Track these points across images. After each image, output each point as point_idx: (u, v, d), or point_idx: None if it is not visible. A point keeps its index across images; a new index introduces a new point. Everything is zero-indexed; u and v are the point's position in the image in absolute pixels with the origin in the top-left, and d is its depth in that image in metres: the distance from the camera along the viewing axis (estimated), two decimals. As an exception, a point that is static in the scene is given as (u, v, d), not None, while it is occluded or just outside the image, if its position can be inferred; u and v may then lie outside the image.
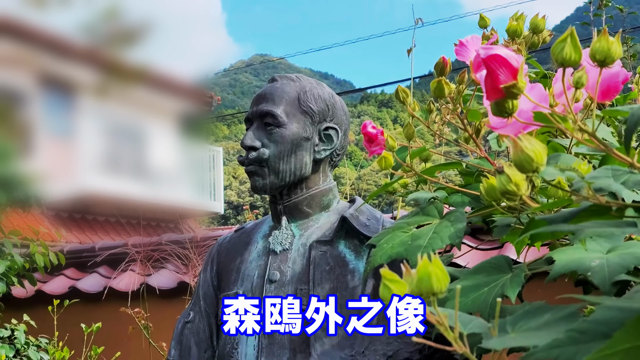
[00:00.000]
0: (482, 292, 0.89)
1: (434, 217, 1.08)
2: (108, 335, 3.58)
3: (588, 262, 0.79)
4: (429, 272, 0.60)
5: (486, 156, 0.98)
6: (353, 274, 1.44)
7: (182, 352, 1.59)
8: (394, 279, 0.62)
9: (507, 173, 0.76)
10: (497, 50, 0.76)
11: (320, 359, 1.37)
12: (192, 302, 1.65)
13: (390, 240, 1.04)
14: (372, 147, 1.10)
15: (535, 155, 0.68)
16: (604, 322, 0.56)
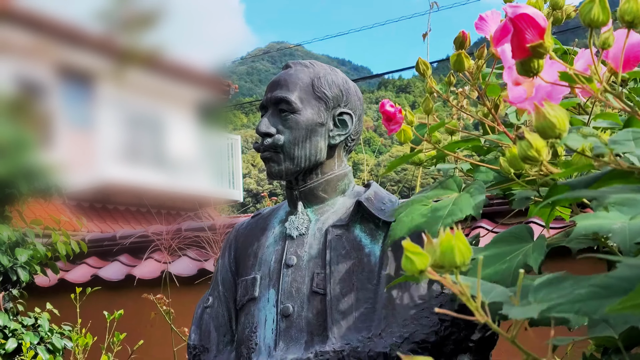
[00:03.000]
0: (504, 262, 0.90)
1: (453, 190, 1.09)
2: (130, 323, 3.62)
3: (609, 226, 0.80)
4: (451, 245, 0.61)
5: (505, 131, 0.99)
6: (369, 257, 1.45)
7: (202, 336, 1.61)
8: (417, 251, 0.63)
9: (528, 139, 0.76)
10: (524, 9, 0.77)
11: (338, 342, 1.39)
12: (210, 288, 1.68)
13: (410, 213, 1.05)
14: (390, 125, 1.11)
15: (557, 122, 0.68)
16: (625, 278, 0.57)
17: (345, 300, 1.43)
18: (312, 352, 1.40)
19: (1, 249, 3.07)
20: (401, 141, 1.10)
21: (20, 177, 3.13)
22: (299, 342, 1.44)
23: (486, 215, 3.33)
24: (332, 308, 1.42)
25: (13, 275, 3.11)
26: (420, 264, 0.65)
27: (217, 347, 1.59)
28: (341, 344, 1.38)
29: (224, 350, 1.58)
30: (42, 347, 3.02)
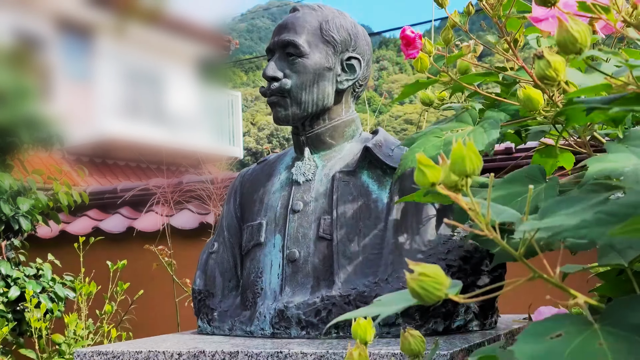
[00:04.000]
0: (516, 202, 0.89)
1: (468, 123, 1.07)
2: (132, 274, 3.64)
3: (621, 169, 0.79)
4: (462, 154, 0.60)
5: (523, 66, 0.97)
6: (376, 203, 1.44)
7: (207, 281, 1.61)
8: (430, 164, 0.62)
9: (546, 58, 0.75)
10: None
11: (344, 286, 1.38)
12: (216, 234, 1.67)
13: (423, 145, 1.04)
14: (408, 50, 1.09)
15: (580, 36, 0.66)
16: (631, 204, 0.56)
17: (351, 246, 1.42)
18: (318, 297, 1.40)
19: (3, 197, 3.06)
20: (417, 69, 1.08)
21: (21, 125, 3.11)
22: (305, 287, 1.44)
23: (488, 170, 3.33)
24: (339, 253, 1.42)
25: (15, 224, 3.11)
26: (432, 176, 0.64)
27: (223, 292, 1.59)
28: (347, 288, 1.38)
29: (229, 296, 1.58)
30: (44, 296, 3.03)
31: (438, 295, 0.64)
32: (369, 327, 0.86)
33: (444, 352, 1.13)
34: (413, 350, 0.85)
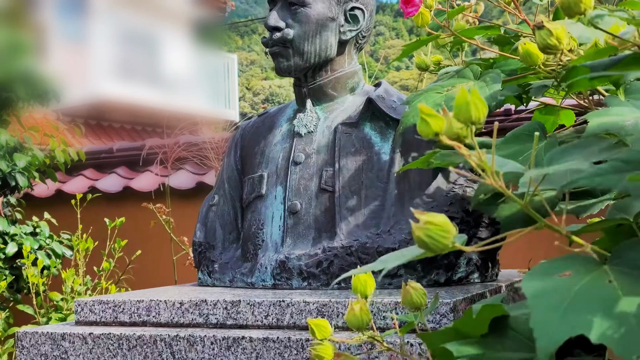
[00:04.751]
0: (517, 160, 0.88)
1: (469, 79, 1.06)
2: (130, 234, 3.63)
3: (622, 122, 0.78)
4: (467, 101, 0.59)
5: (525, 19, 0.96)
6: (379, 155, 1.43)
7: (207, 233, 1.60)
8: (433, 113, 0.61)
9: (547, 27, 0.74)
10: None
11: (346, 238, 1.38)
12: (216, 186, 1.66)
13: (424, 101, 1.03)
14: (408, 7, 1.07)
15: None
16: None
17: (353, 198, 1.41)
18: (319, 248, 1.40)
19: (0, 153, 3.04)
20: (418, 25, 1.06)
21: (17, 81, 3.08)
22: (307, 239, 1.43)
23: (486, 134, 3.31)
24: (341, 205, 1.41)
25: (12, 180, 3.09)
26: (435, 126, 0.63)
27: (223, 244, 1.58)
28: (349, 240, 1.37)
29: (230, 248, 1.57)
30: (42, 253, 3.03)
31: (445, 243, 0.64)
32: (369, 281, 0.87)
33: (447, 301, 1.13)
34: (414, 303, 0.85)
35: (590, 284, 0.57)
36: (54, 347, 1.34)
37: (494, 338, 0.70)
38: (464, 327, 0.71)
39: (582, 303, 0.53)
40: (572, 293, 0.56)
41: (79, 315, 1.42)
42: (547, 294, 0.56)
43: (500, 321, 0.70)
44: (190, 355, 1.22)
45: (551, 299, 0.54)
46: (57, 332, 1.34)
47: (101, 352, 1.29)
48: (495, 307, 0.69)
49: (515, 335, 0.69)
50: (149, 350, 1.25)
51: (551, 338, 0.52)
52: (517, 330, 0.69)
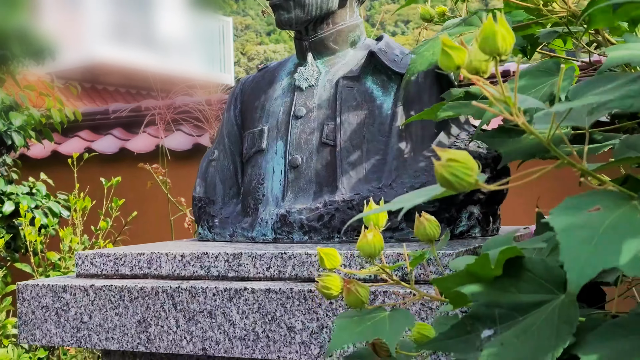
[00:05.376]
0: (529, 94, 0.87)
1: (477, 26, 1.04)
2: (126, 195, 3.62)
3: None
4: (494, 30, 0.57)
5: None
6: (380, 109, 1.42)
7: (207, 188, 1.60)
8: (454, 45, 0.60)
9: None
10: None
11: (347, 192, 1.38)
12: (216, 141, 1.65)
13: (432, 48, 1.01)
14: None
15: None
16: None
17: (355, 152, 1.40)
18: (321, 202, 1.39)
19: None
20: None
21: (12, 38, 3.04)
22: (308, 193, 1.43)
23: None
24: (342, 159, 1.40)
25: (8, 139, 3.07)
26: (458, 58, 0.61)
27: (223, 199, 1.58)
28: (351, 194, 1.37)
29: (230, 203, 1.57)
30: (39, 211, 3.02)
31: (468, 181, 0.62)
32: (381, 214, 0.85)
33: (450, 252, 1.13)
34: (428, 235, 0.84)
35: (620, 218, 0.56)
36: (55, 299, 1.34)
37: (508, 280, 0.68)
38: (477, 270, 0.70)
39: (613, 236, 0.52)
40: (602, 227, 0.55)
41: (79, 268, 1.41)
42: (577, 228, 0.55)
43: (514, 262, 0.69)
44: (192, 307, 1.22)
45: (581, 233, 0.53)
46: (58, 284, 1.34)
47: (103, 304, 1.30)
48: (510, 249, 0.68)
49: (531, 276, 0.68)
50: (151, 301, 1.25)
51: (582, 271, 0.51)
52: (533, 271, 0.68)
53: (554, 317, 0.63)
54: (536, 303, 0.66)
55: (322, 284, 0.81)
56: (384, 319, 0.77)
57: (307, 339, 1.13)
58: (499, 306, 0.67)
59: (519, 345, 0.63)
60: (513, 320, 0.66)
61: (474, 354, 0.67)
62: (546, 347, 0.61)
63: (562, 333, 0.61)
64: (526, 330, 0.64)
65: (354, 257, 1.18)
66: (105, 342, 1.29)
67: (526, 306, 0.66)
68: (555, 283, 0.66)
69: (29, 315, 1.36)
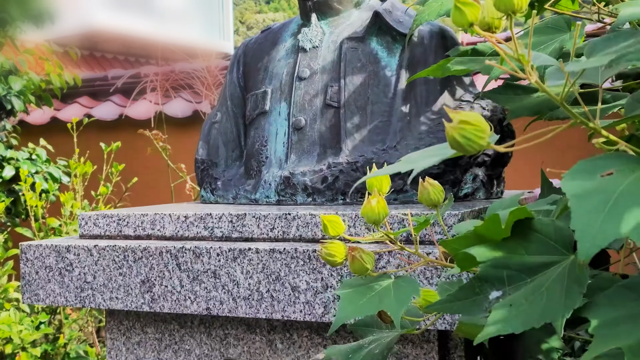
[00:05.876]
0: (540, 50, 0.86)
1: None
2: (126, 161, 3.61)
3: None
4: None
5: None
6: (385, 70, 1.41)
7: (210, 151, 1.59)
8: (468, 1, 0.59)
9: None
10: None
11: (351, 154, 1.37)
12: (218, 103, 1.64)
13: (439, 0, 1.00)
14: None
15: None
16: None
17: (359, 114, 1.39)
18: (324, 164, 1.38)
19: (-6, 75, 2.99)
20: None
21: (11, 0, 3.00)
22: (311, 155, 1.42)
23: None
24: (346, 121, 1.39)
25: (7, 104, 3.05)
26: (471, 15, 0.60)
27: (226, 162, 1.57)
28: (355, 156, 1.36)
29: (233, 165, 1.56)
30: (39, 176, 3.01)
31: (480, 144, 0.61)
32: (384, 180, 0.85)
33: (455, 212, 1.12)
34: (432, 200, 0.83)
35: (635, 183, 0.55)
36: (59, 259, 1.34)
37: (517, 242, 0.68)
38: (485, 232, 0.69)
39: (628, 203, 0.50)
40: (616, 193, 0.53)
41: (82, 229, 1.41)
42: (590, 194, 0.53)
43: (523, 224, 0.68)
44: (196, 267, 1.22)
45: (594, 199, 0.52)
46: (62, 244, 1.34)
47: (106, 264, 1.29)
48: (520, 210, 0.68)
49: (540, 238, 0.67)
50: (155, 262, 1.25)
51: (593, 241, 0.49)
52: (542, 232, 0.67)
53: (564, 277, 0.63)
54: (545, 264, 0.65)
55: (326, 252, 0.80)
56: (389, 288, 0.76)
57: (312, 299, 1.13)
58: (507, 267, 0.66)
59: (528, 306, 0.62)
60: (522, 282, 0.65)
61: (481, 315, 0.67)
62: (556, 308, 0.61)
63: (572, 294, 0.61)
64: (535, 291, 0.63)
65: (359, 218, 1.17)
66: (110, 302, 1.29)
67: (535, 267, 0.65)
68: (564, 244, 0.66)
69: (32, 275, 1.36)
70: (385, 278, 0.79)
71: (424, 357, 1.15)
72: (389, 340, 0.89)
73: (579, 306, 0.58)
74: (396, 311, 0.73)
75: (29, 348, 2.29)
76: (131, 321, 1.38)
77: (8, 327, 2.26)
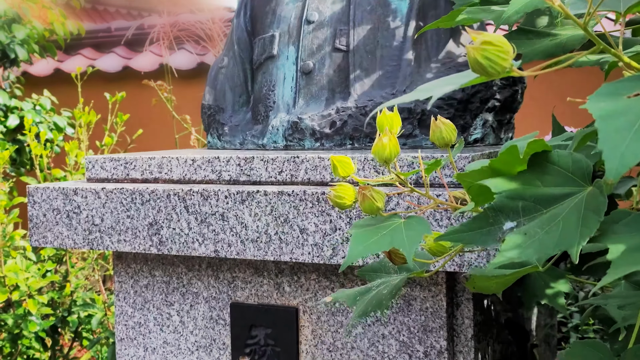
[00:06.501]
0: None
1: None
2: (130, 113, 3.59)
3: None
4: None
5: None
6: (395, 14, 1.38)
7: (217, 96, 1.57)
8: None
9: None
10: None
11: (360, 98, 1.35)
12: (225, 48, 1.62)
13: None
14: None
15: None
16: None
17: (368, 58, 1.38)
18: (333, 109, 1.37)
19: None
20: None
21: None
22: (320, 99, 1.41)
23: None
24: (355, 65, 1.38)
25: (11, 52, 3.02)
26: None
27: (233, 107, 1.55)
28: (364, 100, 1.35)
29: (240, 111, 1.55)
30: (44, 125, 3.00)
31: (503, 65, 0.60)
32: (395, 118, 0.83)
33: (465, 155, 1.12)
34: (444, 139, 0.82)
35: None
36: (66, 201, 1.33)
37: (533, 174, 0.67)
38: (501, 166, 0.68)
39: None
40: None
41: (89, 173, 1.41)
42: (617, 114, 0.52)
43: (539, 157, 0.67)
44: (204, 209, 1.22)
45: (621, 119, 0.51)
46: (69, 187, 1.34)
47: (114, 207, 1.29)
48: (537, 142, 0.67)
49: (557, 169, 0.66)
50: (162, 204, 1.25)
51: (622, 160, 0.48)
52: (559, 164, 0.66)
53: (581, 208, 0.62)
54: (562, 195, 0.65)
55: (335, 194, 0.79)
56: (400, 227, 0.76)
57: (320, 241, 1.13)
58: (522, 199, 0.66)
59: (543, 235, 0.62)
60: (537, 213, 0.65)
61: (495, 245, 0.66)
62: (572, 236, 0.60)
63: (589, 221, 0.60)
64: (551, 221, 0.63)
65: (368, 160, 1.16)
66: (117, 244, 1.29)
67: (551, 199, 0.65)
68: (582, 175, 0.65)
69: (40, 218, 1.36)
70: (396, 218, 0.78)
71: (432, 299, 1.15)
72: (398, 281, 0.89)
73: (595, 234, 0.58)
74: (408, 248, 0.72)
75: (36, 295, 2.31)
76: (139, 264, 1.39)
77: (15, 274, 2.27)
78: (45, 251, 2.43)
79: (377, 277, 0.95)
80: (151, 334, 1.39)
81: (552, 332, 1.59)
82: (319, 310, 1.24)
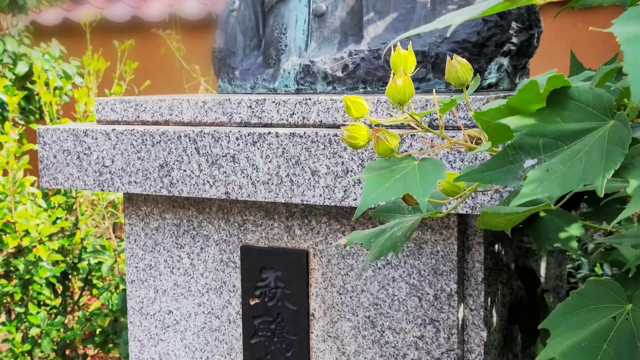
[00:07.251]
0: None
1: None
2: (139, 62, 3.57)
3: None
4: None
5: None
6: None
7: (228, 40, 1.55)
8: None
9: None
10: None
11: (373, 41, 1.33)
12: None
13: None
14: None
15: None
16: None
17: (382, 0, 1.35)
18: (345, 52, 1.35)
19: (5, -31, 2.93)
20: None
21: None
22: (332, 42, 1.39)
23: None
24: (369, 7, 1.35)
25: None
26: None
27: (244, 51, 1.53)
28: (377, 43, 1.33)
29: (251, 55, 1.53)
30: (53, 72, 2.98)
31: None
32: (410, 57, 0.82)
33: (480, 97, 1.10)
34: (460, 79, 0.81)
35: None
36: (77, 143, 1.33)
37: (552, 111, 0.65)
38: (518, 104, 0.67)
39: None
40: None
41: (100, 115, 1.40)
42: None
43: (558, 94, 0.66)
44: (214, 151, 1.21)
45: None
46: (80, 128, 1.33)
47: (125, 148, 1.29)
48: (557, 77, 0.65)
49: (577, 105, 0.64)
50: (173, 146, 1.24)
51: None
52: (579, 100, 0.64)
53: (603, 142, 0.61)
54: (583, 130, 0.63)
55: (348, 134, 0.78)
56: (414, 170, 0.74)
57: (332, 183, 1.12)
58: (543, 135, 0.64)
59: (566, 170, 0.61)
60: (558, 149, 0.63)
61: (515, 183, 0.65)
62: (596, 169, 0.59)
63: (612, 154, 0.59)
64: (573, 157, 0.62)
65: (381, 102, 1.15)
66: (128, 185, 1.29)
67: (572, 134, 0.63)
68: (603, 110, 0.64)
69: (50, 159, 1.36)
70: (410, 160, 0.77)
71: (443, 243, 1.14)
72: (412, 223, 0.89)
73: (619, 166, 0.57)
74: (422, 195, 0.71)
75: (47, 241, 2.32)
76: (149, 207, 1.39)
77: (25, 220, 2.28)
78: (55, 198, 2.43)
79: (392, 217, 0.94)
80: (162, 276, 1.39)
81: (560, 283, 1.59)
82: (330, 253, 1.24)
